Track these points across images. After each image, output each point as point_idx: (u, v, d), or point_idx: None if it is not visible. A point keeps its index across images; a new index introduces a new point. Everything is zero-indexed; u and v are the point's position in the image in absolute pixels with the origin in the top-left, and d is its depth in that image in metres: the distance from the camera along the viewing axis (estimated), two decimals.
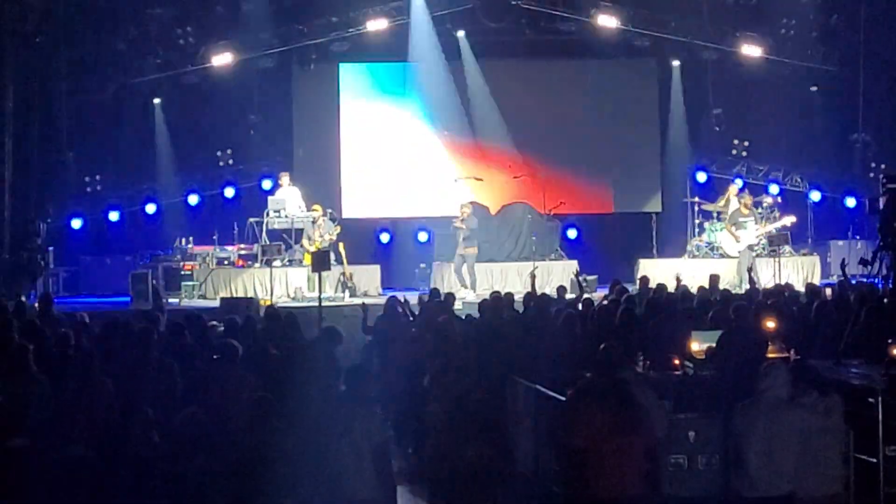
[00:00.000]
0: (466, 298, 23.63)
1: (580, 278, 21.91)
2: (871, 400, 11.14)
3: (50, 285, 26.64)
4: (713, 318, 15.43)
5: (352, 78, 30.50)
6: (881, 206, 13.10)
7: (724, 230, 27.36)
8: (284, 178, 27.90)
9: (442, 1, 29.25)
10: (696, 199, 28.97)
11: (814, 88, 30.00)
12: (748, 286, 20.61)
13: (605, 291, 21.21)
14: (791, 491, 9.60)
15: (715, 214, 28.06)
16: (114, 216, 29.53)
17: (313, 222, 26.36)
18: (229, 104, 29.18)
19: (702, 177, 30.89)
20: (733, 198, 27.73)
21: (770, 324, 14.68)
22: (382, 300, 20.00)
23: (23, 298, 19.92)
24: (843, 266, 16.92)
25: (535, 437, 12.86)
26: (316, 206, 26.68)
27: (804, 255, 27.67)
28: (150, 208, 29.84)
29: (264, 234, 26.82)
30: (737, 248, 26.71)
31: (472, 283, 25.97)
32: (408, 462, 14.23)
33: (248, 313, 16.99)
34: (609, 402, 9.38)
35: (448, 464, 10.40)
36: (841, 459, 10.08)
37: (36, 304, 19.06)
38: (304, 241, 26.39)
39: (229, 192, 30.28)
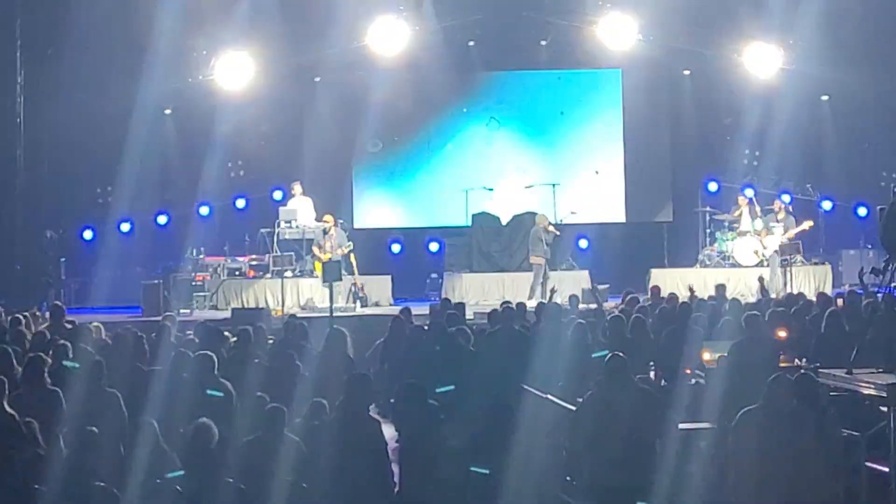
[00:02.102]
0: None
1: (594, 289, 21.88)
2: (882, 409, 11.12)
3: (62, 296, 26.66)
4: (724, 328, 15.42)
5: (363, 88, 30.50)
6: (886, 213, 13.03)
7: (734, 239, 27.32)
8: (297, 188, 27.85)
9: (453, 11, 29.29)
10: (708, 208, 28.95)
11: (825, 97, 29.95)
12: (760, 296, 20.58)
13: (617, 301, 21.18)
14: (787, 501, 9.59)
15: (727, 224, 27.99)
16: (125, 227, 29.53)
17: (325, 232, 26.33)
18: (240, 115, 29.15)
19: (713, 186, 30.85)
20: (745, 208, 27.67)
21: (782, 333, 14.66)
22: (393, 310, 20.02)
23: (35, 310, 19.90)
24: (861, 276, 16.85)
25: (547, 447, 12.82)
26: (328, 217, 26.66)
27: (816, 264, 27.62)
28: (162, 219, 29.85)
29: (276, 244, 26.83)
30: (765, 254, 26.67)
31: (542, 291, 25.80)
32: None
33: (259, 324, 16.98)
34: None
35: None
36: (835, 472, 10.02)
37: (48, 315, 19.07)
38: (315, 250, 26.29)
39: (241, 203, 30.28)
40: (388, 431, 12.78)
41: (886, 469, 10.87)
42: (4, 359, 12.69)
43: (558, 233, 26.86)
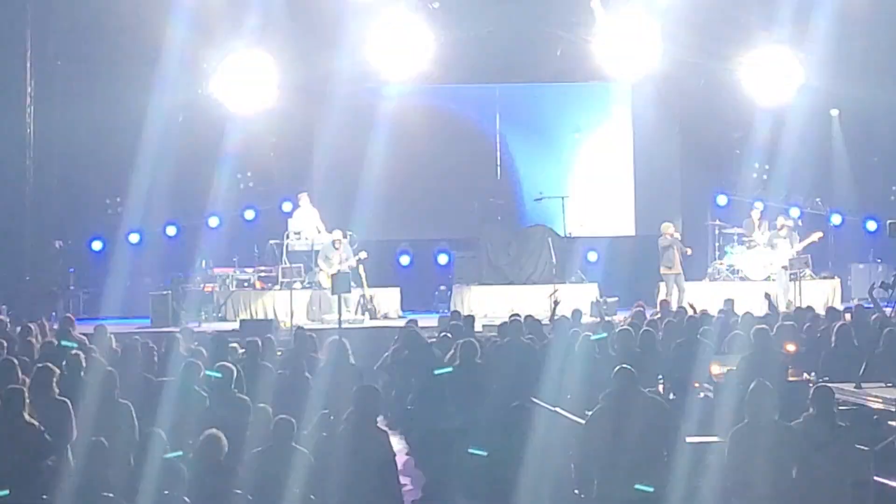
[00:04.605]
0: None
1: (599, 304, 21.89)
2: (891, 423, 11.11)
3: (70, 307, 26.69)
4: (734, 342, 15.41)
5: (371, 99, 30.49)
6: None
7: (744, 253, 27.32)
8: (304, 199, 27.84)
9: (463, 23, 29.28)
10: (717, 221, 28.95)
11: (835, 112, 29.93)
12: (767, 311, 20.56)
13: (626, 314, 21.16)
14: None
15: (736, 237, 27.99)
16: (134, 238, 29.52)
17: (335, 246, 26.18)
18: (250, 126, 29.11)
19: (722, 200, 30.82)
20: (757, 222, 27.67)
21: (791, 347, 14.66)
22: (402, 322, 20.04)
23: (44, 321, 19.93)
24: (871, 291, 16.85)
25: (556, 460, 12.81)
26: (336, 232, 26.58)
27: (825, 278, 27.60)
28: (171, 230, 29.85)
29: (284, 256, 26.84)
30: (771, 270, 26.67)
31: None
32: (422, 483, 14.19)
33: (268, 335, 17.00)
34: None
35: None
36: (852, 484, 9.99)
37: (56, 326, 19.09)
38: (322, 262, 26.19)
39: (250, 215, 30.26)
40: (396, 442, 12.83)
41: (895, 484, 10.85)
42: (11, 370, 12.70)
43: (678, 236, 26.75)
